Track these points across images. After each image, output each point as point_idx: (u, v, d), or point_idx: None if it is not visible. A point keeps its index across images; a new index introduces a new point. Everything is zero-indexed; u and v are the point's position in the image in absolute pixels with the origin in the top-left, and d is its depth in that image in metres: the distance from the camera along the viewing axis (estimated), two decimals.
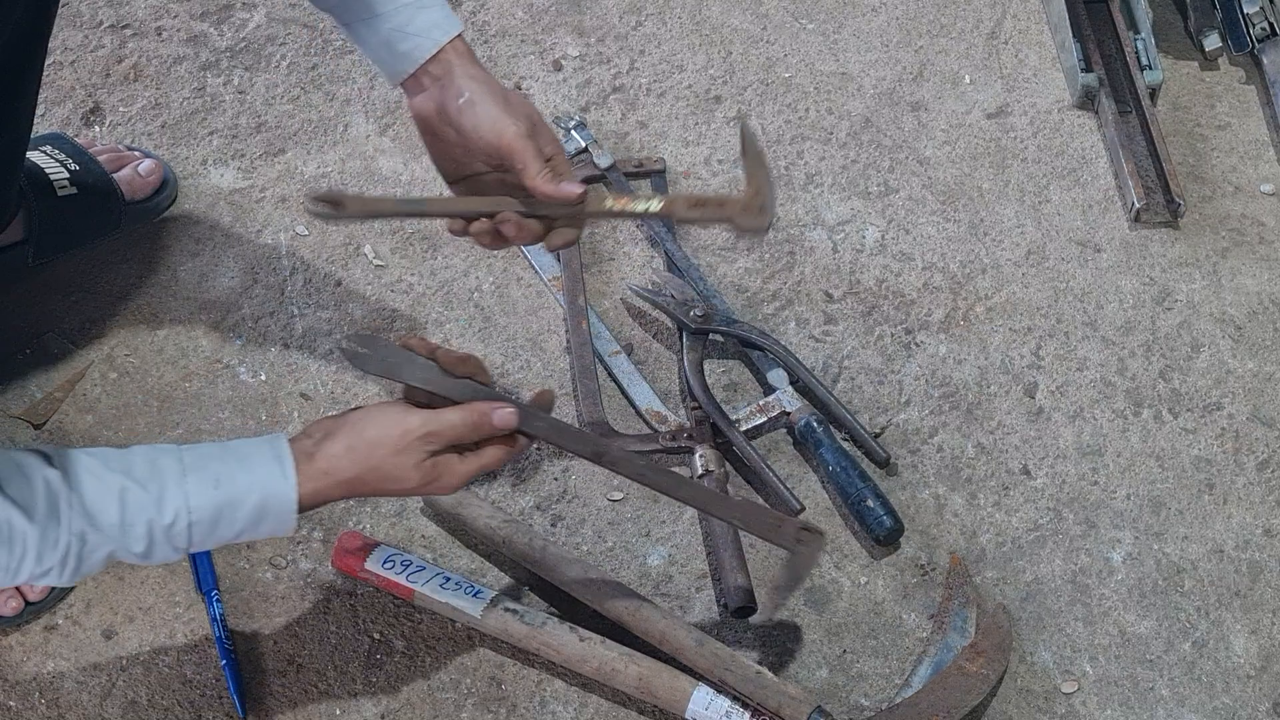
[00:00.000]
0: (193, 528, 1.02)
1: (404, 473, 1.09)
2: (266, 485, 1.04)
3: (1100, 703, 1.28)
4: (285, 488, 1.05)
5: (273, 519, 1.05)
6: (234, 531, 1.04)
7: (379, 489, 1.09)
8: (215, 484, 1.03)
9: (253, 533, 1.05)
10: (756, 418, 1.42)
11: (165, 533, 1.01)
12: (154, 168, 1.54)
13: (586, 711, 1.26)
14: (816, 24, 1.78)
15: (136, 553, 1.01)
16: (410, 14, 1.15)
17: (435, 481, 1.10)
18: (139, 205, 1.53)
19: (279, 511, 1.05)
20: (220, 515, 1.03)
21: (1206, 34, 1.75)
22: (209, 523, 1.03)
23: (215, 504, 1.02)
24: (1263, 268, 1.58)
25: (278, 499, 1.05)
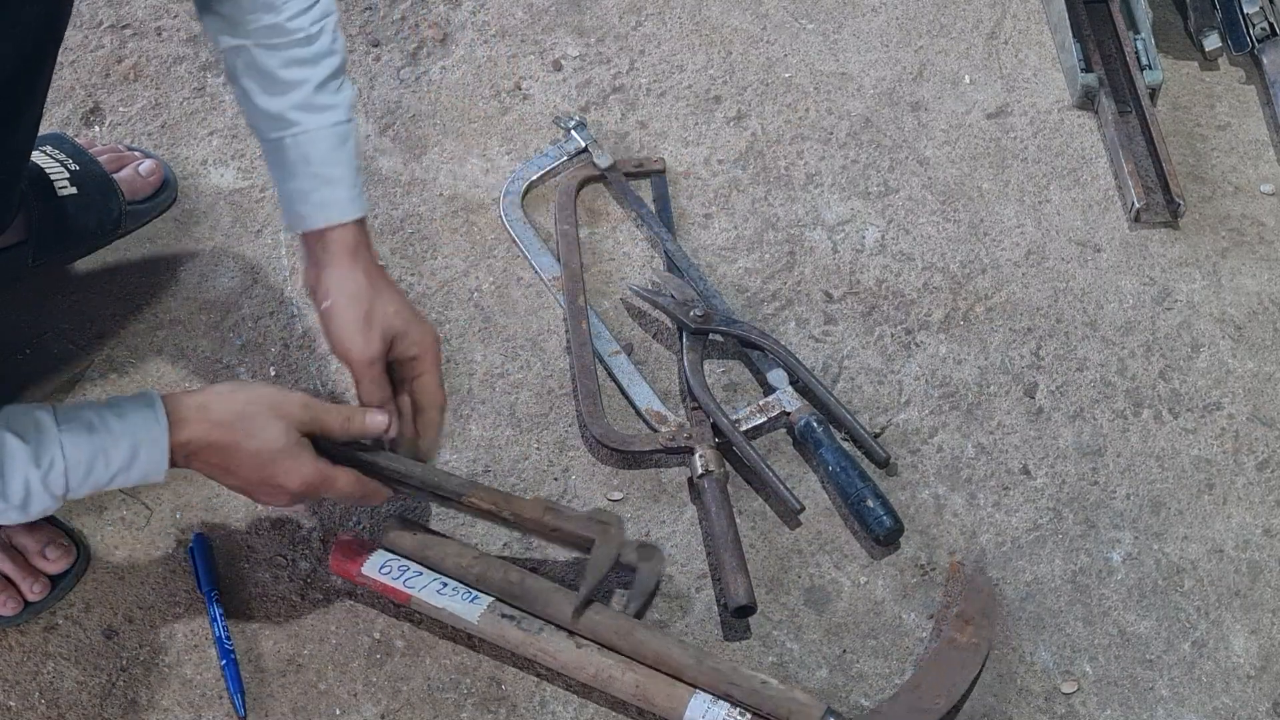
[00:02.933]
0: (69, 473, 1.04)
1: (271, 433, 1.12)
2: (139, 429, 1.07)
3: (1100, 703, 1.28)
4: (156, 430, 1.08)
5: (144, 461, 1.08)
6: (108, 475, 1.07)
7: (243, 446, 1.11)
8: (89, 429, 1.05)
9: (125, 475, 1.07)
10: (756, 418, 1.42)
11: (41, 481, 1.03)
12: (154, 168, 1.54)
13: (586, 712, 1.26)
14: (816, 24, 1.78)
15: (14, 503, 1.03)
16: (315, 185, 1.20)
17: (290, 460, 1.13)
18: (139, 205, 1.53)
19: (151, 454, 1.08)
20: (94, 460, 1.05)
21: (1206, 34, 1.75)
22: (84, 467, 1.05)
23: (90, 449, 1.05)
24: (1263, 268, 1.58)
25: (149, 441, 1.08)
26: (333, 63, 1.20)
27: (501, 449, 1.42)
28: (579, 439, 1.43)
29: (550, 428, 1.43)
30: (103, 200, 1.49)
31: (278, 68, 1.18)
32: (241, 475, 1.14)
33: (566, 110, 1.67)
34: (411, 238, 1.56)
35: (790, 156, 1.65)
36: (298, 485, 1.15)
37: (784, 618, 1.32)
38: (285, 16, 1.17)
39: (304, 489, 1.15)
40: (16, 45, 1.18)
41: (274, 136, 1.20)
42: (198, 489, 1.37)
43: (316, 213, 1.21)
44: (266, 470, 1.13)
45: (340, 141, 1.21)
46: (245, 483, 1.15)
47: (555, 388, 1.46)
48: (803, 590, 1.34)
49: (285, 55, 1.18)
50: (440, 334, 1.48)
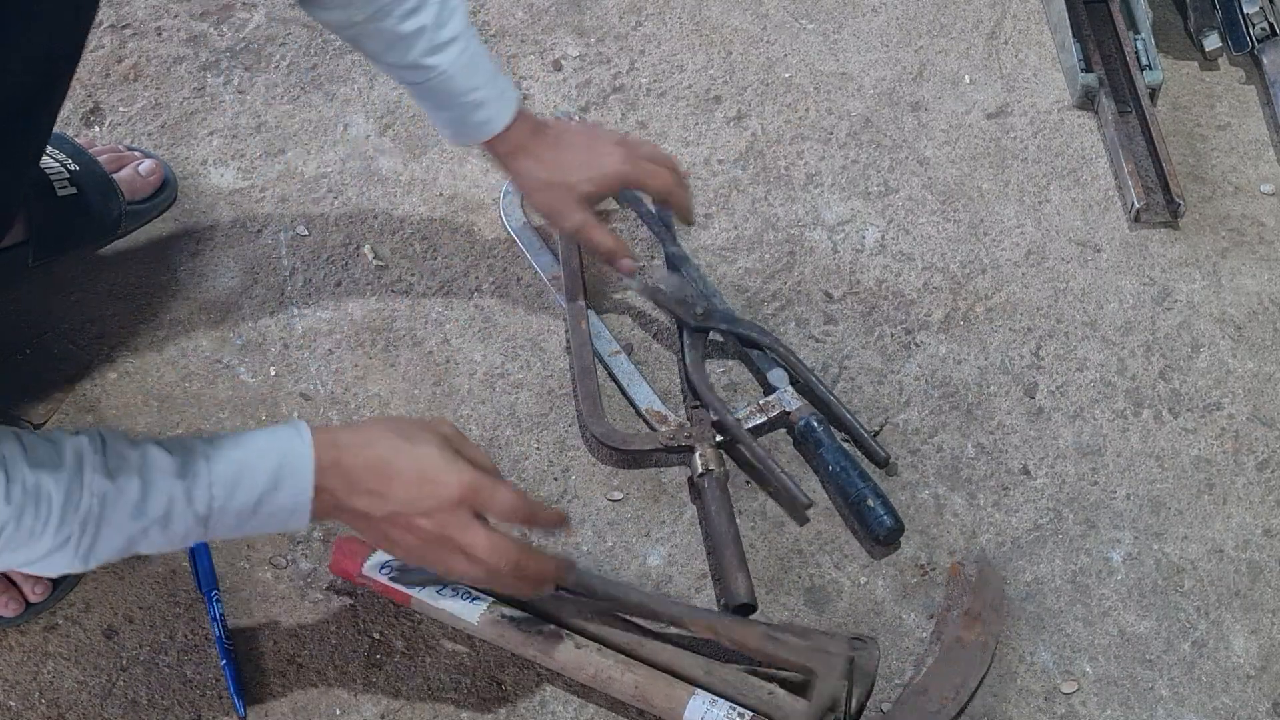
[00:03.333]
0: (213, 486, 0.98)
1: (425, 439, 1.06)
2: (284, 445, 1.01)
3: (1100, 703, 1.28)
4: (302, 448, 1.01)
5: (289, 484, 1.01)
6: (254, 495, 1.00)
7: (398, 453, 1.05)
8: (234, 444, 1.00)
9: (271, 501, 1.00)
10: (756, 418, 1.42)
11: (185, 494, 0.97)
12: (154, 168, 1.54)
13: (586, 712, 1.26)
14: (816, 24, 1.78)
15: (155, 517, 0.97)
16: (466, 111, 1.31)
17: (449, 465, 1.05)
18: (139, 205, 1.53)
19: (296, 473, 1.01)
20: (239, 475, 0.99)
21: (1206, 34, 1.75)
22: (228, 482, 0.99)
23: (234, 463, 0.99)
24: (1263, 268, 1.58)
25: (295, 458, 1.01)
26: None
27: (501, 449, 1.42)
28: (579, 439, 1.43)
29: (550, 428, 1.43)
30: (103, 200, 1.49)
31: (394, 27, 1.24)
32: (397, 493, 1.05)
33: (567, 110, 1.67)
34: (411, 238, 1.56)
35: (790, 156, 1.65)
36: (459, 490, 1.06)
37: (784, 618, 1.32)
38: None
39: (466, 493, 1.06)
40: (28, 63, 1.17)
41: (414, 81, 1.30)
42: None
43: (476, 132, 1.33)
44: (426, 481, 1.05)
45: (472, 66, 1.28)
46: (403, 504, 1.05)
47: (555, 388, 1.46)
48: (803, 590, 1.34)
49: (396, 16, 1.23)
50: (440, 334, 1.49)
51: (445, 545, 1.07)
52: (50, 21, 1.19)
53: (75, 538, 0.95)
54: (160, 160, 1.56)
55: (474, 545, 1.07)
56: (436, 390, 1.45)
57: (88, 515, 0.95)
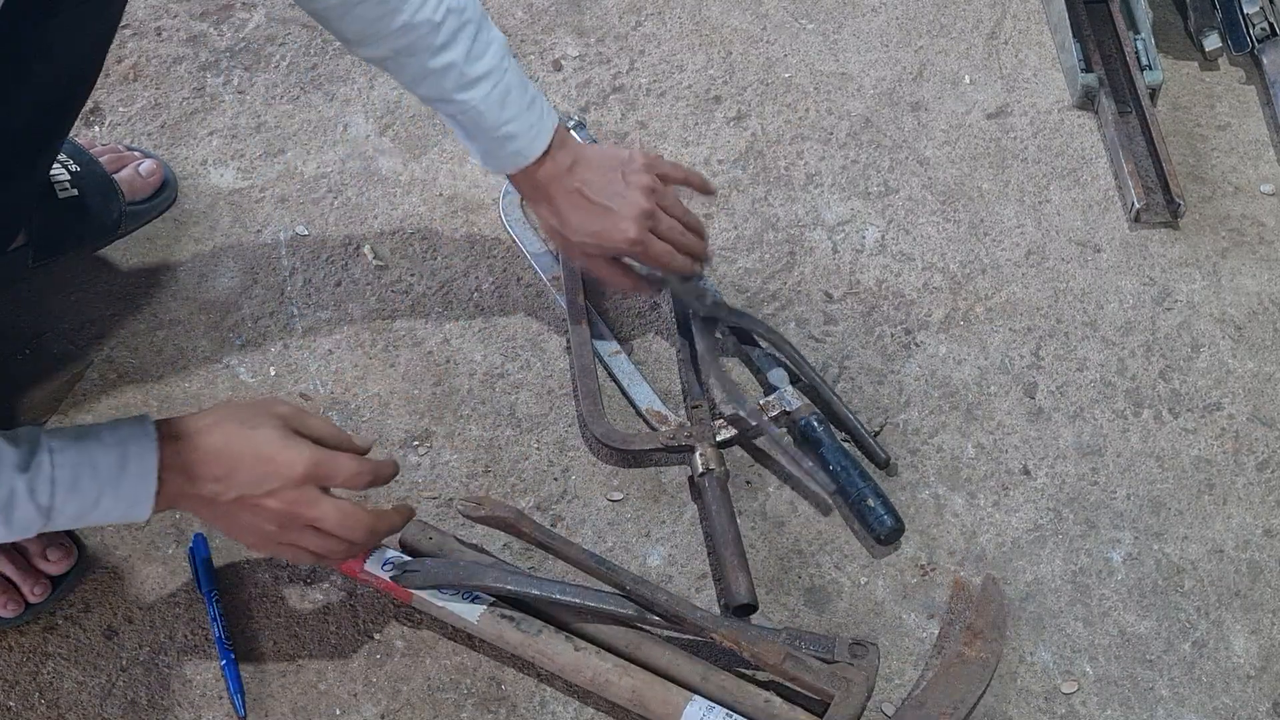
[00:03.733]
0: (55, 483, 0.99)
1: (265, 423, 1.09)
2: (128, 439, 1.03)
3: (1100, 703, 1.28)
4: (146, 441, 1.04)
5: (133, 476, 1.03)
6: (96, 487, 1.01)
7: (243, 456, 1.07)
8: (77, 437, 1.02)
9: (114, 493, 1.02)
10: None
11: (27, 487, 0.99)
12: (154, 168, 1.54)
13: (586, 713, 1.26)
14: (816, 24, 1.78)
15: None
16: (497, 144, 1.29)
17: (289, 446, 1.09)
18: (139, 206, 1.53)
19: (140, 469, 1.03)
20: (80, 468, 1.01)
21: (1206, 34, 1.75)
22: (70, 477, 1.00)
23: (76, 457, 1.01)
24: (1263, 268, 1.58)
25: (138, 453, 1.03)
26: (469, 31, 1.23)
27: (501, 449, 1.42)
28: (579, 439, 1.43)
29: (550, 428, 1.43)
30: (103, 201, 1.49)
31: (425, 63, 1.23)
32: (241, 477, 1.08)
33: (567, 110, 1.67)
34: (411, 238, 1.56)
35: (790, 156, 1.65)
36: (301, 467, 1.09)
37: (784, 618, 1.32)
38: (410, 13, 1.19)
39: (309, 468, 1.10)
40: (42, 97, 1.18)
41: (446, 112, 1.29)
42: None
43: (509, 163, 1.31)
44: (268, 462, 1.08)
45: (502, 100, 1.26)
46: (248, 486, 1.08)
47: (555, 388, 1.46)
48: (803, 590, 1.34)
49: (425, 51, 1.22)
50: (441, 334, 1.49)
51: (295, 524, 1.11)
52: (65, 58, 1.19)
53: None
54: (160, 160, 1.56)
55: (324, 519, 1.12)
56: (436, 390, 1.45)
57: None
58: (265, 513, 1.10)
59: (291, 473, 1.09)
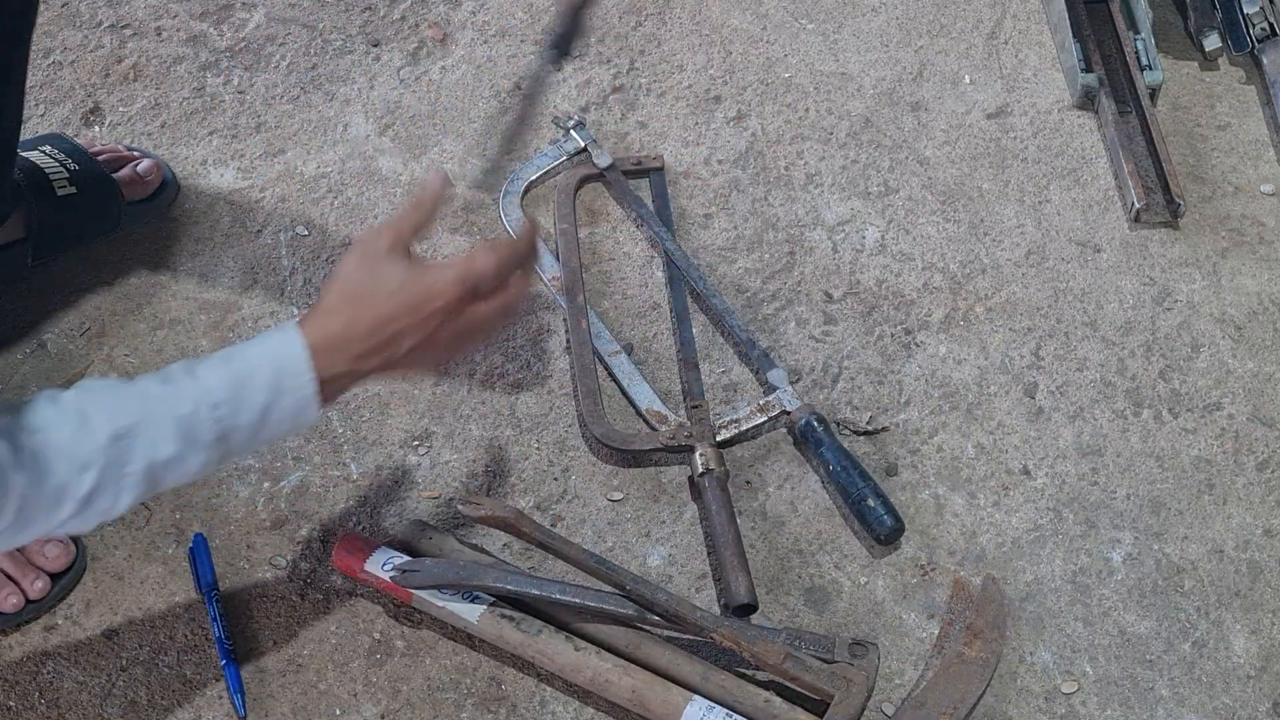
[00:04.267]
0: (217, 408, 0.98)
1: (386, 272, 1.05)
2: (275, 349, 1.01)
3: (1100, 703, 1.28)
4: (289, 339, 1.01)
5: (291, 384, 1.01)
6: (259, 405, 1.00)
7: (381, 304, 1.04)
8: (225, 360, 1.00)
9: (278, 405, 1.00)
10: (756, 417, 1.42)
11: (191, 421, 0.97)
12: (153, 168, 1.54)
13: (586, 713, 1.26)
14: (816, 24, 1.78)
15: (170, 452, 0.97)
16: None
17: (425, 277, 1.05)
18: (138, 205, 1.53)
19: (294, 373, 1.01)
20: (239, 390, 0.99)
21: (1206, 34, 1.75)
22: (230, 400, 0.99)
23: (231, 380, 0.99)
24: (1263, 268, 1.58)
25: (289, 359, 1.01)
26: None
27: (501, 449, 1.42)
28: (579, 439, 1.43)
29: (550, 428, 1.43)
30: (102, 200, 1.49)
31: None
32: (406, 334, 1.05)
33: (566, 110, 1.67)
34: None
35: (790, 156, 1.65)
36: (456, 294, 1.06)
37: (784, 618, 1.32)
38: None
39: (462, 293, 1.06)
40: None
41: None
42: (198, 489, 1.37)
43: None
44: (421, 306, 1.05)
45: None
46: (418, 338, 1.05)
47: (555, 388, 1.46)
48: (803, 590, 1.34)
49: None
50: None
51: (468, 335, 1.10)
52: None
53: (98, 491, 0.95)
54: (160, 160, 1.56)
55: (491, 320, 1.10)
56: (436, 390, 1.45)
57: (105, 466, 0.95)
58: (439, 344, 1.08)
59: (446, 304, 1.06)
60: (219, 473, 1.38)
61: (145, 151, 1.57)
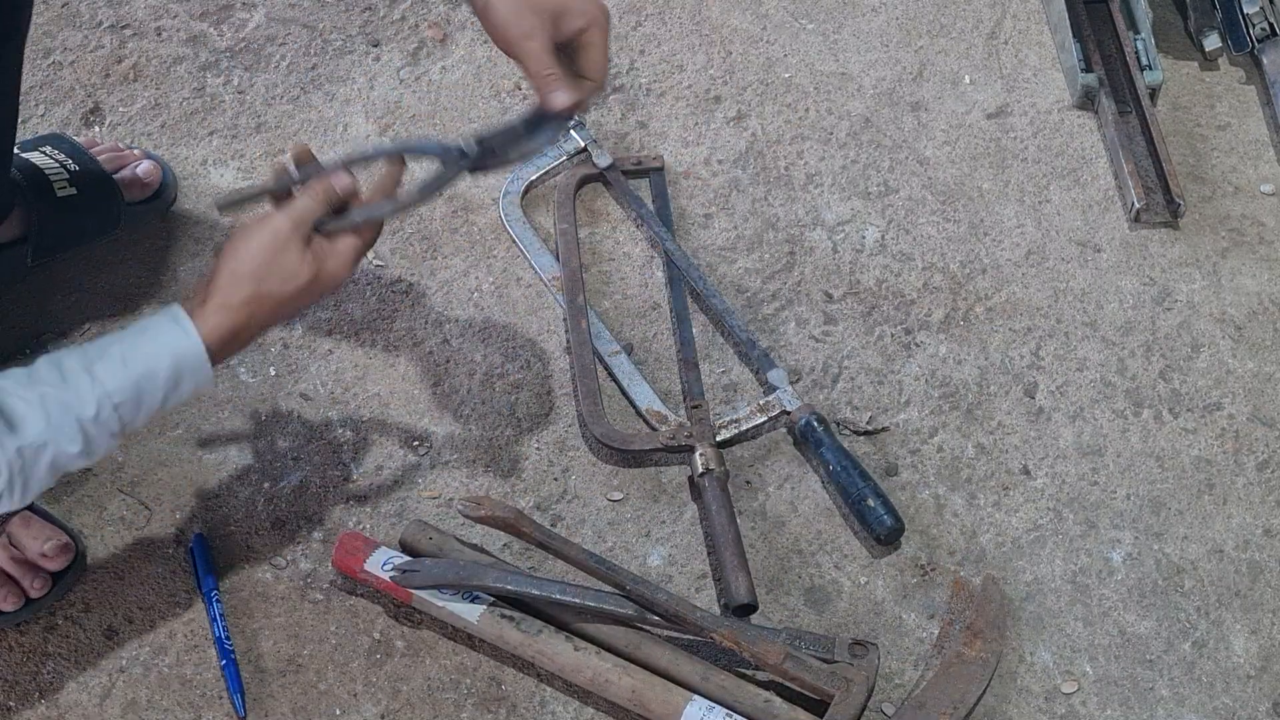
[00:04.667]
0: (119, 409, 1.04)
1: (292, 269, 1.10)
2: (172, 345, 1.06)
3: (1100, 703, 1.28)
4: (188, 341, 1.06)
5: (190, 374, 1.07)
6: (159, 399, 1.06)
7: (282, 299, 1.10)
8: (123, 362, 1.05)
9: (178, 394, 1.07)
10: (756, 417, 1.42)
11: (94, 423, 1.03)
12: (152, 169, 1.54)
13: (586, 713, 1.26)
14: (816, 24, 1.78)
15: (75, 451, 1.03)
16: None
17: (324, 266, 1.12)
18: (139, 206, 1.53)
19: (193, 365, 1.07)
20: (140, 389, 1.05)
21: (1206, 34, 1.75)
22: (132, 400, 1.05)
23: (131, 380, 1.04)
24: (1263, 268, 1.58)
25: (187, 353, 1.06)
26: None
27: (501, 449, 1.42)
28: (579, 439, 1.43)
29: (550, 428, 1.43)
30: (102, 201, 1.49)
31: None
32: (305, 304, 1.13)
33: None
34: (411, 238, 1.56)
35: (790, 156, 1.65)
36: (346, 268, 1.13)
37: (784, 618, 1.32)
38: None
39: (352, 266, 1.14)
40: None
41: None
42: (198, 489, 1.37)
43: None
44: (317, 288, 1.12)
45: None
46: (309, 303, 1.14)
47: (555, 388, 1.46)
48: (803, 590, 1.34)
49: None
50: (440, 334, 1.49)
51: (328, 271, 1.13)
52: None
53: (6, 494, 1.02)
54: (160, 160, 1.56)
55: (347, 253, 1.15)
56: (436, 390, 1.45)
57: (12, 474, 1.02)
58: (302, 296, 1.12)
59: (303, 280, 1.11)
60: (219, 473, 1.39)
61: (146, 152, 1.57)
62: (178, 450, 1.40)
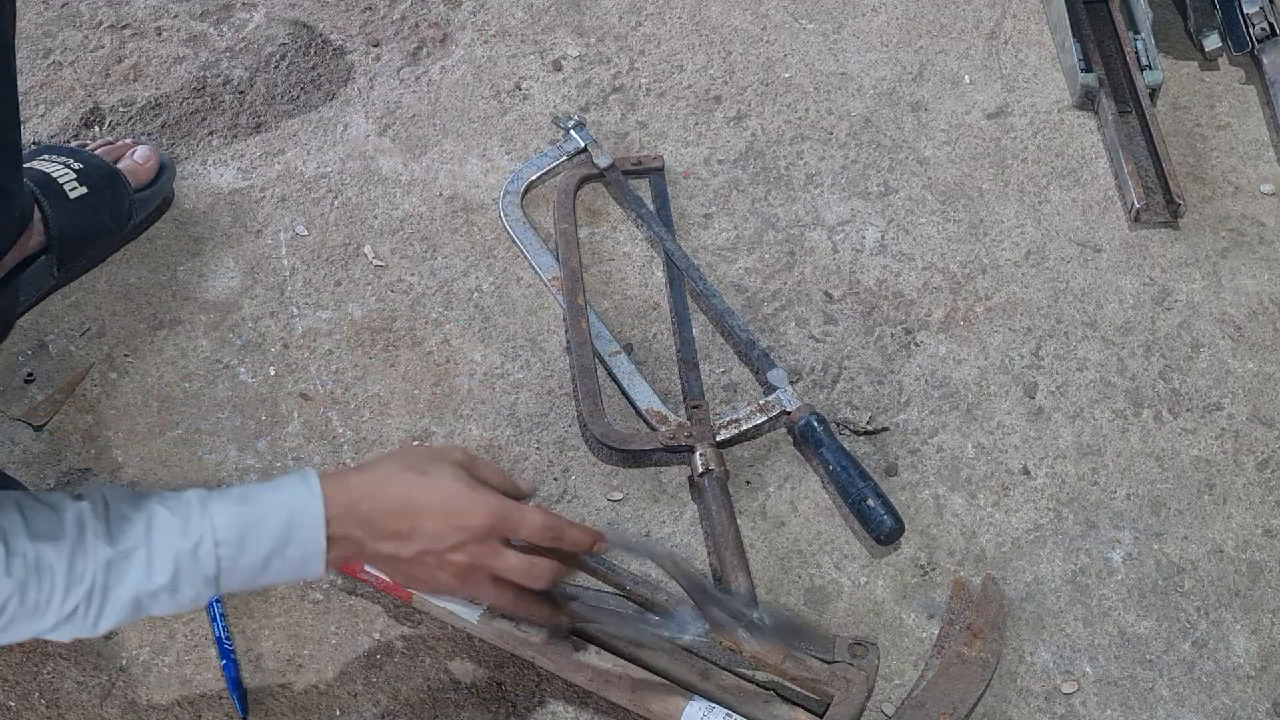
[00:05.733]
0: (219, 547, 0.96)
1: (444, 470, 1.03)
2: (292, 500, 0.99)
3: (1100, 703, 1.28)
4: (311, 501, 0.99)
5: (300, 538, 0.99)
6: (262, 553, 0.97)
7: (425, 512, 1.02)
8: (240, 500, 0.98)
9: (281, 556, 0.98)
10: (756, 417, 1.42)
11: (191, 556, 0.95)
12: (149, 154, 1.54)
13: (586, 713, 1.26)
14: (816, 24, 1.78)
15: (162, 583, 0.95)
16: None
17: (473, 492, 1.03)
18: (144, 192, 1.53)
19: (306, 527, 0.98)
20: (246, 534, 0.97)
21: (1206, 34, 1.75)
22: (235, 542, 0.96)
23: (240, 522, 0.97)
24: (1263, 268, 1.58)
25: (304, 513, 0.98)
26: None
27: (501, 449, 1.42)
28: (579, 439, 1.43)
29: (550, 428, 1.43)
30: (113, 193, 1.49)
31: None
32: (425, 531, 1.02)
33: (566, 110, 1.67)
34: (411, 238, 1.56)
35: (790, 156, 1.65)
36: (487, 520, 1.03)
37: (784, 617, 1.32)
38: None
39: (495, 521, 1.04)
40: None
41: None
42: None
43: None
44: (452, 514, 1.02)
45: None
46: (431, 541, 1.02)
47: (555, 388, 1.46)
48: (803, 590, 1.34)
49: None
50: (440, 334, 1.49)
51: (478, 575, 1.06)
52: None
53: (82, 609, 0.94)
54: (152, 145, 1.56)
55: (509, 571, 1.06)
56: (436, 390, 1.45)
57: (93, 586, 0.94)
58: (448, 566, 1.05)
59: (479, 524, 1.03)
60: (219, 473, 1.39)
61: (135, 139, 1.57)
62: (178, 450, 1.40)
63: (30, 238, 1.43)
